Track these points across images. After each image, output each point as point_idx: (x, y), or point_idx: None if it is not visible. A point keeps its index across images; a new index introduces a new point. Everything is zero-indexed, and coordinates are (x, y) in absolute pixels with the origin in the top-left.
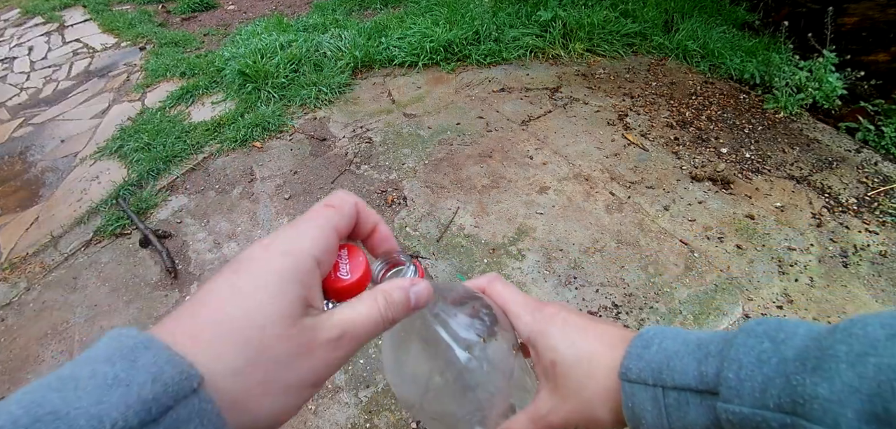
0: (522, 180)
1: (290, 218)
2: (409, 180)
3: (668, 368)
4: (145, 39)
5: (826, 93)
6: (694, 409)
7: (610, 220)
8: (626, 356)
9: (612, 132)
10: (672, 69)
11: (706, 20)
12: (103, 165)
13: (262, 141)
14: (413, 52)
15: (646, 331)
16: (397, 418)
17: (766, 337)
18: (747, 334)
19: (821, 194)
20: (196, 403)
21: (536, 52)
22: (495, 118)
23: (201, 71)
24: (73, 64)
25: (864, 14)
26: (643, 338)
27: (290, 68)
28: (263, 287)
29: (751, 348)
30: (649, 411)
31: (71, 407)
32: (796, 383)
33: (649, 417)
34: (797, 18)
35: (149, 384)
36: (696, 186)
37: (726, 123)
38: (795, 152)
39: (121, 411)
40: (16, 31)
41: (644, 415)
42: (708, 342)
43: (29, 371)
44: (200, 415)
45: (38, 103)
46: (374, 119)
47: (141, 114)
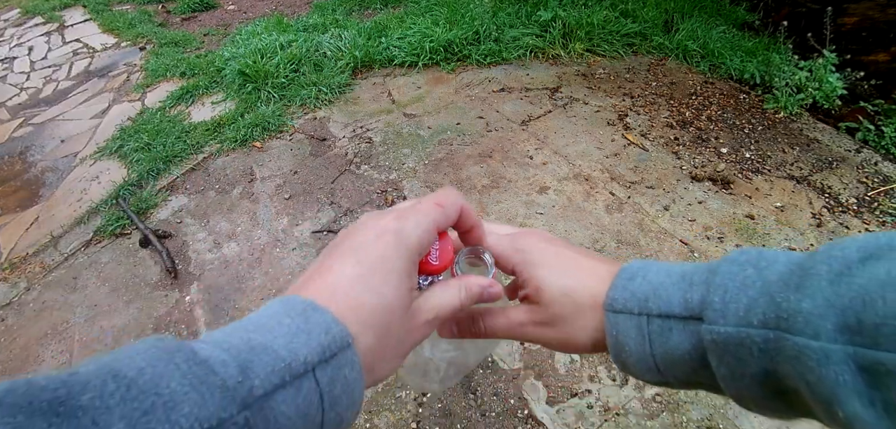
0: (522, 180)
1: (291, 218)
2: (409, 180)
3: (653, 297)
4: (145, 39)
5: (826, 93)
6: (677, 334)
7: (610, 220)
8: (612, 288)
9: (612, 132)
10: (672, 69)
11: (706, 20)
12: (103, 165)
13: (262, 141)
14: (413, 52)
15: (630, 264)
16: (397, 418)
17: (750, 264)
18: (730, 263)
19: (821, 194)
20: (350, 355)
21: (536, 53)
22: (495, 118)
23: (201, 71)
24: (73, 64)
25: (863, 14)
26: (628, 271)
27: (290, 68)
28: (387, 281)
29: (734, 275)
30: (632, 338)
31: (271, 343)
32: (780, 300)
33: (632, 344)
34: (797, 18)
35: (323, 335)
36: (696, 186)
37: (726, 122)
38: (795, 152)
39: (307, 350)
40: (16, 30)
41: (627, 342)
42: (692, 273)
43: (29, 372)
44: (351, 364)
45: (38, 103)
46: (374, 119)
47: (141, 114)
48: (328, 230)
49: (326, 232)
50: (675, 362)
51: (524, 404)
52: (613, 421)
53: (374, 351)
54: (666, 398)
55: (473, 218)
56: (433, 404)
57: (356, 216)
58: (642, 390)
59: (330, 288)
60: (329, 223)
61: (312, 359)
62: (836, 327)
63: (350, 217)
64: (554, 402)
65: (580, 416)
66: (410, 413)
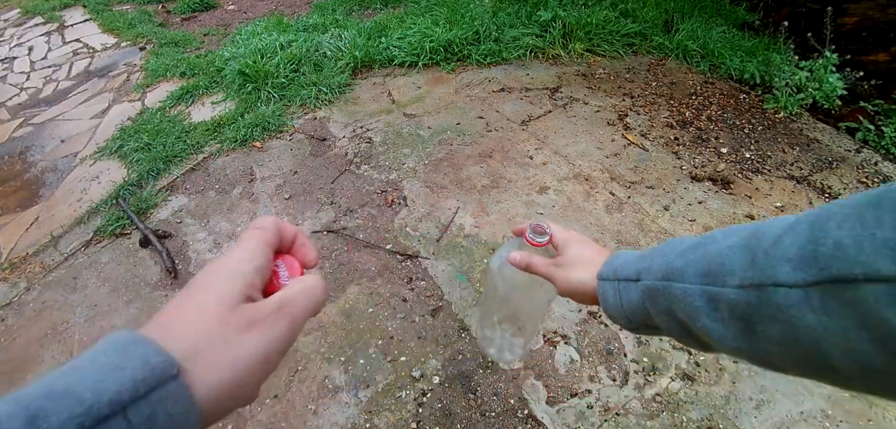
0: (522, 180)
1: (291, 218)
2: (409, 180)
3: (621, 269)
4: (145, 39)
5: (826, 93)
6: (632, 290)
7: (610, 220)
8: (603, 265)
9: (612, 132)
10: (672, 69)
11: (706, 20)
12: (103, 165)
13: (262, 141)
14: (413, 52)
15: (616, 254)
16: (397, 418)
17: (670, 244)
18: (663, 244)
19: (821, 194)
20: (174, 387)
21: (536, 52)
22: (495, 118)
23: (201, 71)
24: (73, 64)
25: (864, 14)
26: (613, 256)
27: (290, 68)
28: (211, 287)
29: (659, 251)
30: (610, 295)
31: (75, 386)
32: (672, 263)
33: (610, 298)
34: (797, 18)
35: (140, 369)
36: (696, 186)
37: (726, 122)
38: (795, 152)
39: (116, 388)
40: (16, 30)
41: (607, 297)
42: (645, 255)
43: (29, 371)
44: (176, 397)
45: (38, 103)
46: (374, 119)
47: (141, 114)
48: (328, 230)
49: (326, 232)
50: (634, 310)
51: (524, 404)
52: (613, 421)
53: (201, 361)
54: (666, 398)
55: (291, 229)
56: (433, 404)
57: (356, 216)
58: (642, 389)
59: (159, 321)
60: (329, 223)
61: (123, 397)
62: (696, 274)
63: (350, 217)
64: (554, 402)
65: (580, 416)
66: (410, 413)
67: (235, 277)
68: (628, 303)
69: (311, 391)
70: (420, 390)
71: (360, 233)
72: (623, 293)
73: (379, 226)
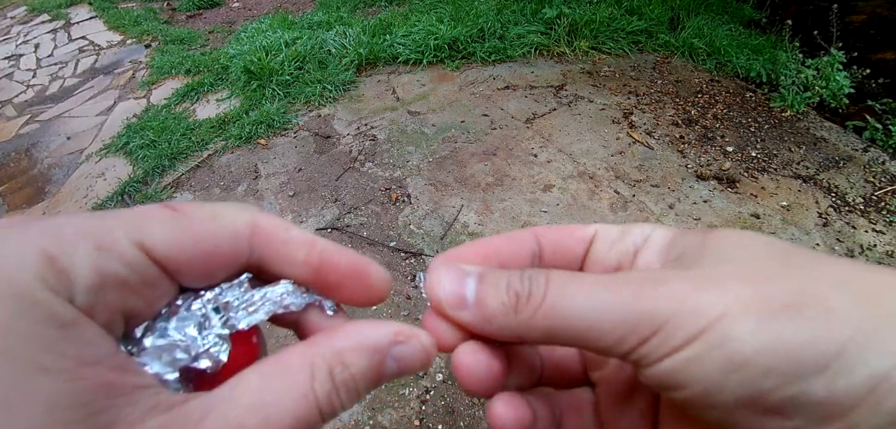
0: (527, 178)
1: (295, 216)
2: (414, 178)
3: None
4: (151, 37)
5: (833, 91)
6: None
7: (614, 218)
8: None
9: (616, 130)
10: (678, 67)
11: (712, 18)
12: (109, 162)
13: (266, 138)
14: (418, 49)
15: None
16: (400, 416)
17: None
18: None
19: (827, 194)
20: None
21: (541, 50)
22: (500, 116)
23: (206, 68)
24: (79, 61)
25: (872, 11)
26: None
27: (294, 66)
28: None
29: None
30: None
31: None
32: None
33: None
34: (804, 16)
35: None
36: (702, 185)
37: (732, 121)
38: (802, 151)
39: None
40: (22, 28)
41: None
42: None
43: None
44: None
45: (44, 100)
46: (378, 116)
47: (146, 111)
48: (332, 228)
49: (330, 230)
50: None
51: None
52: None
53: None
54: None
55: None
56: (436, 401)
57: (360, 214)
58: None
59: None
60: (333, 221)
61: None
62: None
63: (354, 215)
64: None
65: None
66: (414, 411)
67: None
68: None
69: None
70: (423, 388)
71: (364, 230)
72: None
73: (383, 223)
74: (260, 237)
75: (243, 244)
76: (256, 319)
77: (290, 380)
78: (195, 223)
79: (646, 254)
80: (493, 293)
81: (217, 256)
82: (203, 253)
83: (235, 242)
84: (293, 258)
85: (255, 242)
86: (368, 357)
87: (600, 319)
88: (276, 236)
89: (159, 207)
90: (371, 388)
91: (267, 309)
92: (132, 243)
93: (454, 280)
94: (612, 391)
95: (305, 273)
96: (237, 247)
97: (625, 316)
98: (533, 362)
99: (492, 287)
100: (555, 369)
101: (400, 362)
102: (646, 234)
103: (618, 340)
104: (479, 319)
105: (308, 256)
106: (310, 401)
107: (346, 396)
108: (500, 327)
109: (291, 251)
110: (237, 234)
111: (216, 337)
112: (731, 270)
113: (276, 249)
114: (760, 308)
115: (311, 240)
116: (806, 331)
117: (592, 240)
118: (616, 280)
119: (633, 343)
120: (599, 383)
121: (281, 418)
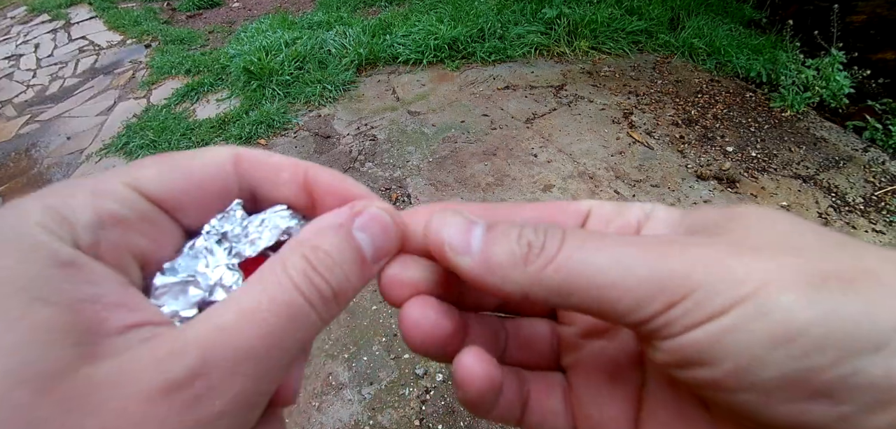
0: (527, 178)
1: None
2: (414, 178)
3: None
4: (151, 37)
5: (833, 91)
6: None
7: None
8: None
9: (616, 130)
10: (678, 67)
11: (712, 18)
12: (109, 162)
13: (266, 138)
14: (418, 49)
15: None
16: (401, 415)
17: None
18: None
19: (827, 194)
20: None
21: (541, 50)
22: (500, 116)
23: (206, 68)
24: (79, 61)
25: (873, 11)
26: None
27: (294, 66)
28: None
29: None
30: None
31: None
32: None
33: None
34: (804, 16)
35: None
36: (702, 185)
37: (732, 121)
38: (802, 151)
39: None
40: (22, 28)
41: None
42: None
43: None
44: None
45: (44, 100)
46: (378, 116)
47: (146, 111)
48: None
49: None
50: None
51: None
52: None
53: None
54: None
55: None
56: (436, 401)
57: None
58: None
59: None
60: None
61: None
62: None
63: None
64: None
65: None
66: (414, 411)
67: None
68: None
69: (315, 388)
70: (423, 388)
71: None
72: None
73: None
74: (244, 165)
75: (230, 173)
76: (263, 245)
77: (263, 275)
78: (182, 161)
79: (652, 229)
80: (503, 242)
81: (206, 186)
82: (193, 186)
83: (222, 172)
84: (278, 178)
85: (240, 170)
86: (333, 232)
87: (622, 278)
88: (260, 161)
89: (148, 157)
90: (358, 268)
91: (271, 236)
92: (125, 185)
93: (461, 225)
94: (590, 378)
95: (292, 191)
96: (224, 176)
97: (650, 276)
98: (497, 334)
99: (502, 235)
100: (522, 346)
101: (369, 232)
102: (646, 211)
103: (638, 303)
104: (480, 267)
105: (293, 174)
106: (284, 284)
107: (328, 273)
108: (504, 278)
109: (276, 172)
110: (222, 164)
111: (226, 267)
112: (768, 242)
113: (262, 173)
114: (808, 278)
115: (294, 161)
116: (862, 304)
117: (588, 216)
118: (639, 239)
119: (656, 308)
120: (573, 368)
121: (256, 303)
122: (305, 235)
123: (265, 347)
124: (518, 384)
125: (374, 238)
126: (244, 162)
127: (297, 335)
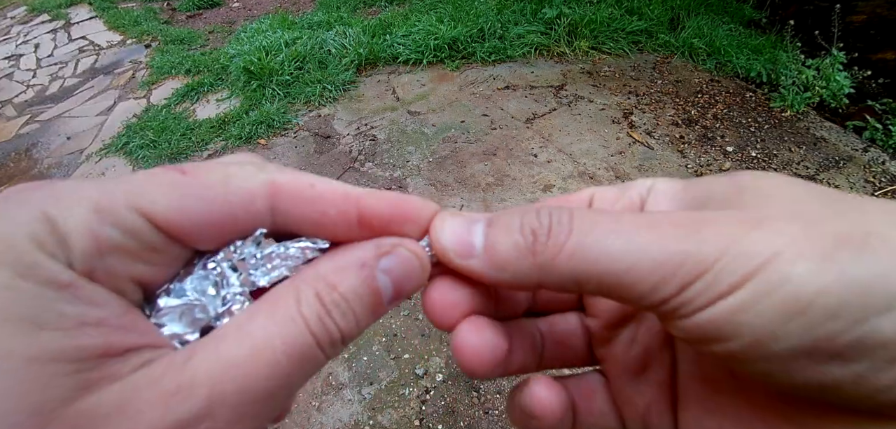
0: (527, 178)
1: None
2: (414, 178)
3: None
4: (151, 37)
5: (833, 91)
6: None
7: None
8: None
9: (616, 130)
10: (678, 67)
11: (712, 18)
12: (109, 162)
13: (266, 138)
14: (418, 49)
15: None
16: (401, 416)
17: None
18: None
19: None
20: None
21: (541, 50)
22: (500, 116)
23: (206, 68)
24: (79, 61)
25: (873, 11)
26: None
27: (294, 66)
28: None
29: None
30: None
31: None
32: None
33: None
34: (804, 16)
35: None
36: None
37: (732, 121)
38: (802, 151)
39: None
40: (22, 28)
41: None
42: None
43: None
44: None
45: (44, 100)
46: (378, 116)
47: (146, 111)
48: None
49: None
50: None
51: None
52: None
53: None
54: None
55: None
56: (436, 401)
57: None
58: None
59: None
60: None
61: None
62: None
63: None
64: None
65: None
66: (414, 411)
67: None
68: None
69: (315, 388)
70: (423, 388)
71: None
72: None
73: None
74: (282, 199)
75: (260, 208)
76: (277, 275)
77: (275, 307)
78: (201, 185)
79: (655, 203)
80: (505, 235)
81: (229, 221)
82: (214, 219)
83: (251, 206)
84: (324, 217)
85: (276, 206)
86: (354, 274)
87: (638, 262)
88: (301, 196)
89: (166, 169)
90: (371, 311)
91: (289, 265)
92: (131, 209)
93: (460, 226)
94: (624, 367)
95: (344, 230)
96: (253, 211)
97: (665, 258)
98: (534, 338)
99: (503, 229)
100: (557, 344)
101: (392, 276)
102: (648, 185)
103: (655, 285)
104: (489, 267)
105: (342, 213)
106: (298, 325)
107: (341, 318)
108: (515, 274)
109: (322, 209)
110: (252, 197)
111: (235, 295)
112: (777, 210)
113: (303, 211)
114: (817, 246)
115: (343, 192)
116: (871, 266)
117: (591, 202)
118: (650, 218)
119: (673, 289)
120: (607, 360)
121: (268, 342)
122: (324, 270)
123: (275, 387)
124: (566, 397)
125: (395, 283)
126: (283, 198)
127: (304, 375)
